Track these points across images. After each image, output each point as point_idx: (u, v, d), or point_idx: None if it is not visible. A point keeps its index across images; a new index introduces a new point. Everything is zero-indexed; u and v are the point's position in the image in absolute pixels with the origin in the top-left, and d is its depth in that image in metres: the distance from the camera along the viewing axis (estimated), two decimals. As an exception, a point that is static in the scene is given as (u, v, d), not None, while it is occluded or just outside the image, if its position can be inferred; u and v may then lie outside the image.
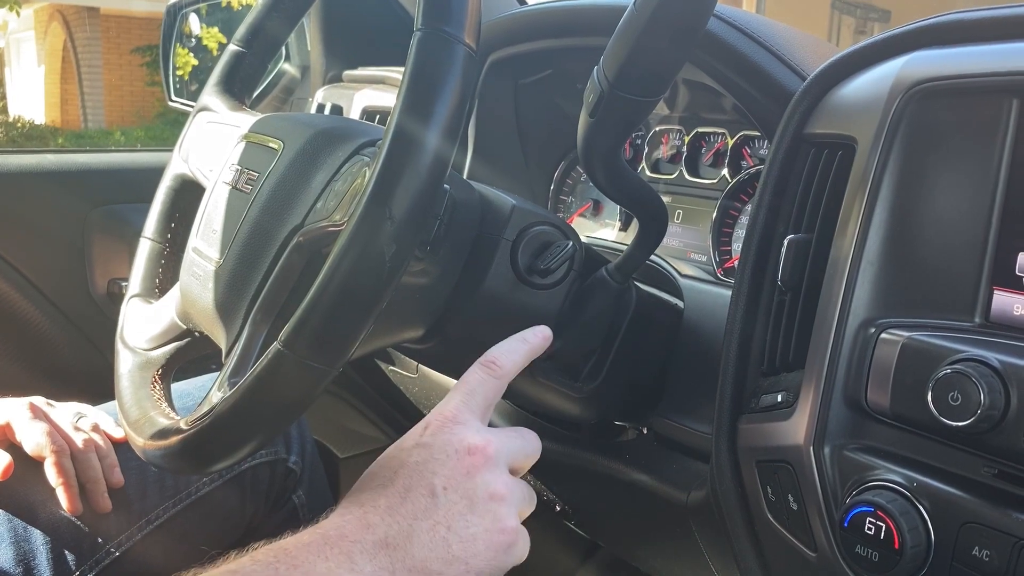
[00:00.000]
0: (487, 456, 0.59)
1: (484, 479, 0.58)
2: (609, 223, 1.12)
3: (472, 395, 0.63)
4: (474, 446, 0.59)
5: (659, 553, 1.05)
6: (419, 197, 0.59)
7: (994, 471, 0.56)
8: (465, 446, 0.59)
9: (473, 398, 0.63)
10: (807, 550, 0.66)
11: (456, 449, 0.58)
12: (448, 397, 0.63)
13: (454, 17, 0.60)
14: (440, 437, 0.59)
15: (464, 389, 0.63)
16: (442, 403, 0.63)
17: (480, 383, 0.64)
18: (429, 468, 0.57)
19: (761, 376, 0.73)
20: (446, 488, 0.57)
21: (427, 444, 0.59)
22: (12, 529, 0.88)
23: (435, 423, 0.61)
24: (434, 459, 0.58)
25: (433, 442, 0.59)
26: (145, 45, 11.45)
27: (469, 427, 0.60)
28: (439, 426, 0.60)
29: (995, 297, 0.59)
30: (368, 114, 1.34)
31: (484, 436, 0.60)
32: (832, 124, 0.70)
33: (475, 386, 0.63)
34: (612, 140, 0.73)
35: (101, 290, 1.52)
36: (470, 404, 0.62)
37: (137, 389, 0.82)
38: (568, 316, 0.80)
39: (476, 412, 0.62)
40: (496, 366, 0.65)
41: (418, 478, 0.57)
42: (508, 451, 0.61)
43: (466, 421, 0.61)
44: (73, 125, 11.97)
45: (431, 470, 0.57)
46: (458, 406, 0.62)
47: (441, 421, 0.60)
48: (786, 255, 0.69)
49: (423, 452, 0.58)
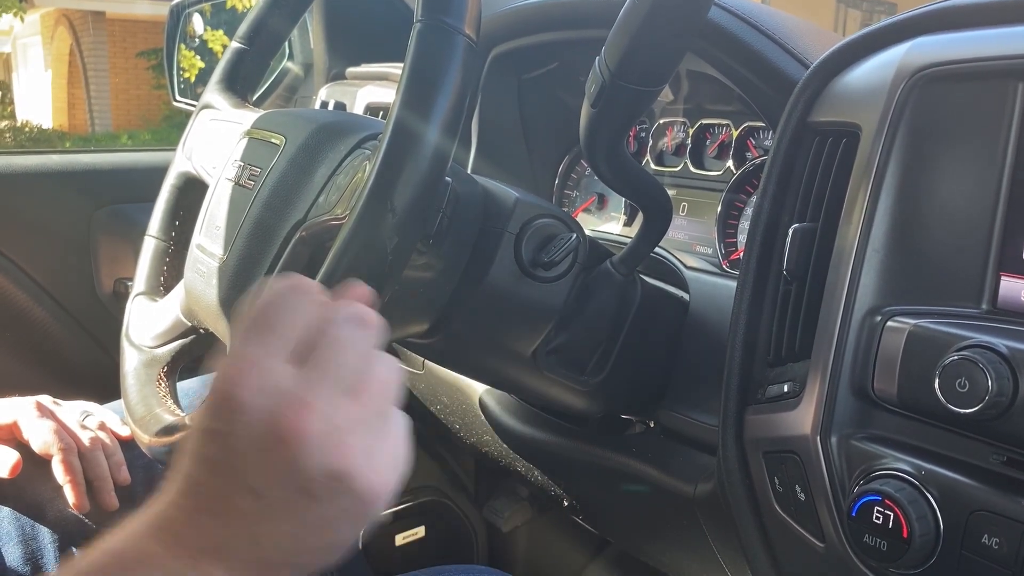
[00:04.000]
0: (306, 431, 0.42)
1: (315, 461, 0.42)
2: (614, 217, 1.11)
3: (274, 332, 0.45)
4: (286, 427, 0.42)
5: (667, 547, 1.05)
6: (420, 189, 0.59)
7: (1003, 458, 0.56)
8: (275, 430, 0.42)
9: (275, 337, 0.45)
10: (815, 541, 0.66)
11: (265, 436, 0.42)
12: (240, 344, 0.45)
13: (454, 8, 0.60)
14: (239, 420, 0.42)
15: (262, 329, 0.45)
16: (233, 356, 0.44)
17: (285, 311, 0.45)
18: (239, 467, 0.42)
19: (767, 367, 0.73)
20: (268, 485, 0.42)
21: (225, 435, 0.42)
22: (20, 527, 0.88)
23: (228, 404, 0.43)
24: (240, 454, 0.42)
25: (231, 432, 0.42)
26: (151, 48, 11.49)
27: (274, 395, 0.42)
28: (234, 406, 0.42)
29: (1002, 283, 0.58)
30: (371, 110, 1.34)
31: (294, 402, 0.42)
32: (836, 112, 0.69)
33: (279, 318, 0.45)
34: (615, 131, 0.72)
35: (107, 289, 1.53)
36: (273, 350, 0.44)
37: (143, 386, 0.82)
38: (573, 309, 0.79)
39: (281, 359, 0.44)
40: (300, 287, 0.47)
41: (231, 483, 0.42)
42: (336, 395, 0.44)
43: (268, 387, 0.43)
44: (80, 129, 12.01)
45: (243, 469, 0.42)
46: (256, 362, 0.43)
47: (235, 397, 0.42)
48: (791, 244, 0.69)
49: (224, 446, 0.42)
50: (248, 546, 0.43)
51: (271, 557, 0.43)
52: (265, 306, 0.46)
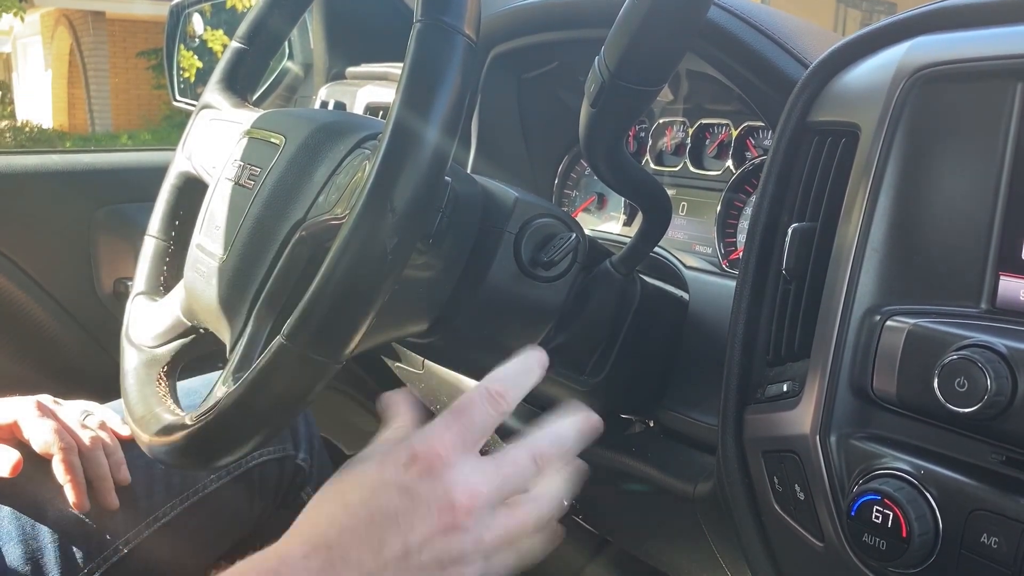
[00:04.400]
0: (468, 514, 0.53)
1: (460, 540, 0.52)
2: (613, 216, 1.11)
3: (470, 431, 0.56)
4: (459, 503, 0.52)
5: (667, 546, 1.05)
6: (420, 189, 0.59)
7: (1002, 457, 0.56)
8: (450, 500, 0.52)
9: (471, 434, 0.56)
10: (814, 540, 0.66)
11: (440, 504, 0.52)
12: (443, 423, 0.56)
13: (453, 8, 0.60)
14: (426, 484, 0.52)
15: (463, 421, 0.56)
16: (435, 430, 0.55)
17: (483, 418, 0.56)
18: (408, 521, 0.52)
19: (767, 366, 0.73)
20: (421, 548, 0.51)
21: (410, 490, 0.52)
22: (20, 527, 0.88)
23: (423, 461, 0.53)
24: (415, 511, 0.52)
25: (418, 489, 0.52)
26: (151, 48, 11.49)
27: (460, 473, 0.53)
28: (427, 467, 0.53)
29: (1001, 282, 0.58)
30: (371, 110, 1.34)
31: (471, 489, 0.53)
32: (835, 111, 0.69)
33: (476, 421, 0.56)
34: (614, 130, 0.72)
35: (107, 289, 1.53)
36: (466, 441, 0.55)
37: (142, 386, 0.82)
38: (572, 309, 0.80)
39: (471, 450, 0.55)
40: (503, 400, 0.58)
41: (394, 530, 0.51)
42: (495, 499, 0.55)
43: (457, 464, 0.54)
44: (80, 129, 12.01)
45: (409, 523, 0.51)
46: (453, 443, 0.54)
47: (431, 461, 0.53)
48: (790, 244, 0.69)
49: (405, 500, 0.52)
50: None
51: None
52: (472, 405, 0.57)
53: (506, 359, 0.82)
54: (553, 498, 0.59)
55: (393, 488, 0.52)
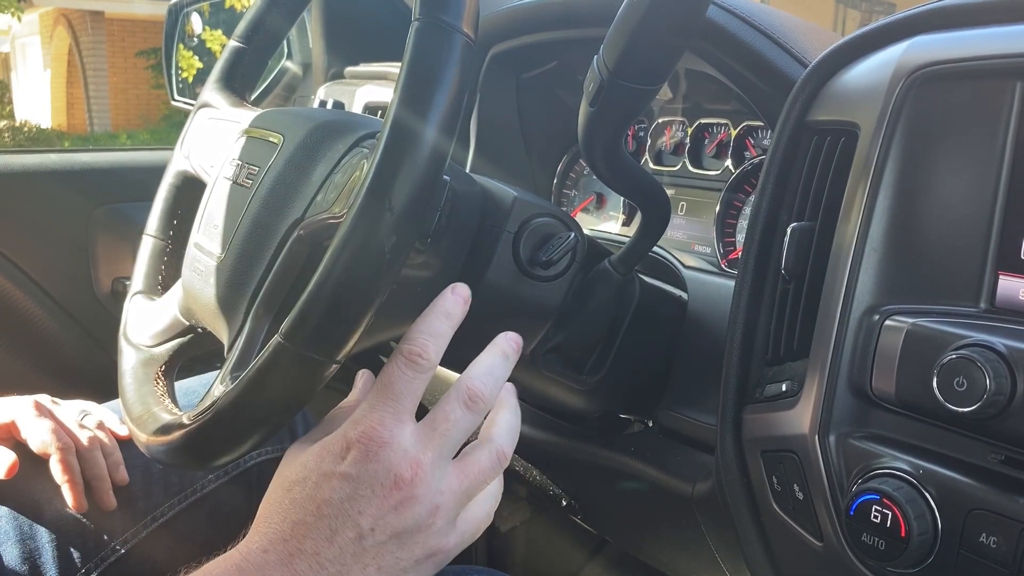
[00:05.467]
0: (415, 486, 0.53)
1: (414, 512, 0.53)
2: (612, 216, 1.11)
3: (399, 400, 0.55)
4: (402, 478, 0.52)
5: (665, 546, 1.05)
6: (418, 188, 0.59)
7: (1001, 457, 0.56)
8: (392, 478, 0.52)
9: (400, 403, 0.55)
10: (813, 540, 0.66)
11: (383, 483, 0.52)
12: (368, 404, 0.55)
13: (452, 7, 0.60)
14: (366, 467, 0.52)
15: (388, 395, 0.55)
16: (363, 412, 0.55)
17: (407, 384, 0.56)
18: (355, 507, 0.52)
19: (765, 366, 0.73)
20: (374, 529, 0.52)
21: (351, 476, 0.52)
22: (17, 527, 0.88)
23: (359, 447, 0.53)
24: (359, 496, 0.52)
25: (358, 474, 0.52)
26: (149, 48, 11.49)
27: (397, 449, 0.53)
28: (363, 451, 0.53)
29: (1000, 282, 0.58)
30: (370, 110, 1.34)
31: (412, 460, 0.53)
32: (834, 111, 0.69)
33: (401, 389, 0.55)
34: (613, 129, 0.72)
35: (105, 289, 1.52)
36: (398, 413, 0.55)
37: (140, 385, 0.82)
38: (571, 308, 0.79)
39: (405, 421, 0.55)
40: (422, 359, 0.57)
41: (343, 519, 0.52)
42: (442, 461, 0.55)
43: (393, 440, 0.53)
44: (79, 129, 12.01)
45: (357, 509, 0.52)
46: (383, 420, 0.54)
47: (366, 445, 0.53)
48: (789, 243, 0.69)
49: (347, 487, 0.52)
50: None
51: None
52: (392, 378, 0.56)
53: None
54: (502, 433, 0.59)
55: (334, 479, 0.53)
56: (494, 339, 0.62)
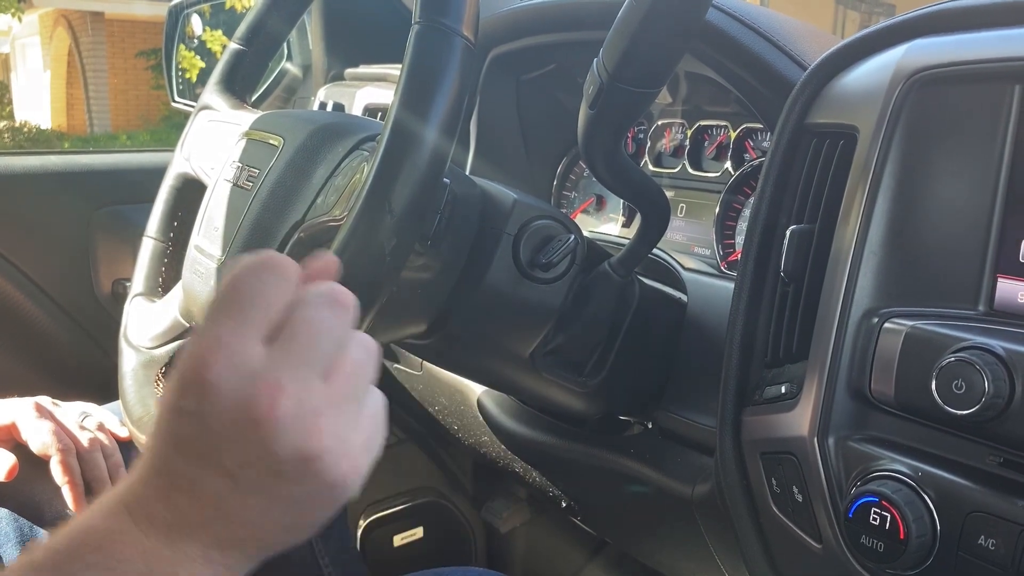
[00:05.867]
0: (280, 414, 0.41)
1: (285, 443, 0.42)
2: (612, 218, 1.11)
3: (243, 309, 0.43)
4: (258, 408, 0.41)
5: (665, 548, 1.05)
6: (418, 190, 0.59)
7: (999, 459, 0.56)
8: (244, 411, 0.41)
9: (245, 313, 0.43)
10: (812, 542, 0.66)
11: (234, 418, 0.41)
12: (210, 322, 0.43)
13: (452, 10, 0.60)
14: (206, 401, 0.42)
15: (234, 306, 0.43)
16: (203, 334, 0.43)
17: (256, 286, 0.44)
18: (209, 445, 0.42)
19: (765, 368, 0.73)
20: (242, 466, 0.42)
21: (193, 413, 0.42)
22: (18, 528, 0.88)
23: (191, 377, 0.42)
24: (211, 433, 0.42)
25: (199, 410, 0.42)
26: (150, 49, 11.48)
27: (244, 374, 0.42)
28: (197, 383, 0.42)
29: (999, 285, 0.58)
30: (370, 111, 1.34)
31: (267, 385, 0.42)
32: (833, 114, 0.69)
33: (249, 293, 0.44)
34: (613, 132, 0.73)
35: (106, 290, 1.52)
36: (241, 326, 0.42)
37: (141, 387, 0.82)
38: (571, 310, 0.80)
39: (249, 336, 0.43)
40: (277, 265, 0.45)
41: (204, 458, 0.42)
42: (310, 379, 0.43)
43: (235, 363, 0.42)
44: (79, 130, 12.00)
45: (213, 446, 0.42)
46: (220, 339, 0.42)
47: (198, 373, 0.42)
48: (788, 246, 0.69)
49: (194, 425, 0.42)
50: (220, 524, 0.43)
51: (243, 534, 0.44)
52: (236, 284, 0.44)
53: (504, 360, 0.82)
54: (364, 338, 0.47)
55: (181, 416, 0.43)
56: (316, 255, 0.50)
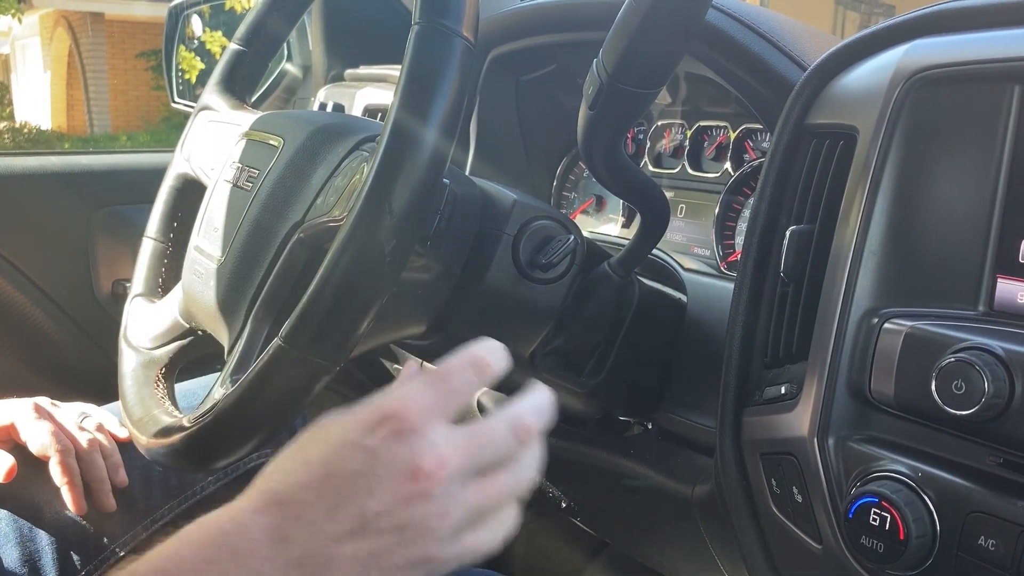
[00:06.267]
0: (433, 484, 0.47)
1: (423, 510, 0.47)
2: (612, 219, 1.11)
3: (448, 395, 0.50)
4: (423, 470, 0.47)
5: (665, 548, 1.05)
6: (418, 191, 0.59)
7: (999, 460, 0.56)
8: (414, 468, 0.47)
9: (448, 399, 0.50)
10: (812, 542, 0.66)
11: (402, 470, 0.47)
12: (419, 385, 0.50)
13: (452, 10, 0.60)
14: (391, 447, 0.47)
15: (440, 386, 0.51)
16: (409, 391, 0.50)
17: (464, 383, 0.51)
18: (367, 485, 0.47)
19: (764, 368, 0.73)
20: (379, 514, 0.47)
21: (373, 452, 0.47)
22: (17, 529, 0.88)
23: (391, 423, 0.48)
24: (375, 475, 0.47)
25: (380, 451, 0.47)
26: (150, 50, 11.48)
27: (427, 443, 0.48)
28: (395, 430, 0.48)
29: (999, 285, 0.58)
30: (370, 112, 1.34)
31: (439, 457, 0.48)
32: (833, 114, 0.69)
33: (455, 385, 0.51)
34: (612, 132, 0.73)
35: (105, 291, 1.52)
36: (441, 406, 0.50)
37: (140, 388, 0.82)
38: (571, 311, 0.80)
39: (445, 416, 0.50)
40: (488, 368, 0.52)
41: (352, 493, 0.47)
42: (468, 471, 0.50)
43: (427, 429, 0.48)
44: (79, 130, 12.00)
45: (368, 488, 0.47)
46: (426, 407, 0.49)
47: (399, 423, 0.48)
48: (788, 246, 0.69)
49: (366, 461, 0.47)
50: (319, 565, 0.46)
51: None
52: (453, 375, 0.51)
53: None
54: (528, 472, 0.54)
55: (356, 449, 0.48)
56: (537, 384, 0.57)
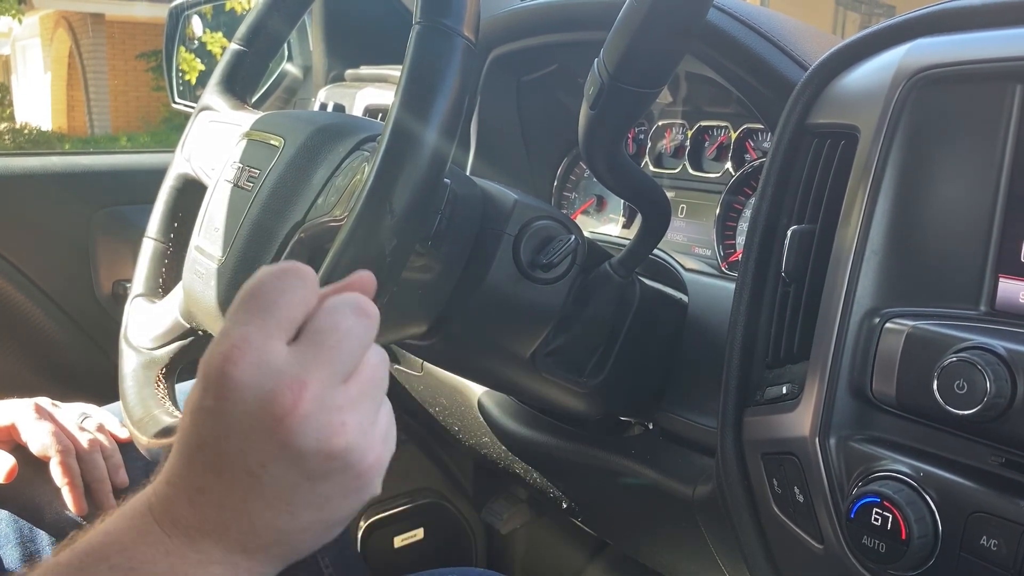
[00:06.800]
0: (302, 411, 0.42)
1: (310, 440, 0.42)
2: (613, 219, 1.11)
3: (268, 311, 0.43)
4: (281, 405, 0.41)
5: (666, 549, 1.05)
6: (419, 191, 0.59)
7: (1001, 460, 0.56)
8: (270, 409, 0.41)
9: (270, 314, 0.43)
10: (814, 542, 0.66)
11: (256, 415, 0.41)
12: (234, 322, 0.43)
13: (453, 10, 0.60)
14: (228, 399, 0.42)
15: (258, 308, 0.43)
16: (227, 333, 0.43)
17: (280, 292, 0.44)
18: (232, 445, 0.42)
19: (766, 368, 0.73)
20: (265, 465, 0.42)
21: (213, 411, 0.42)
22: (18, 529, 0.88)
23: (213, 375, 0.42)
24: (232, 432, 0.42)
25: (220, 408, 0.42)
26: (150, 50, 11.48)
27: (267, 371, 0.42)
28: (220, 381, 0.42)
29: (1000, 285, 0.58)
30: (370, 112, 1.34)
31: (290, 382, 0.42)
32: (834, 114, 0.69)
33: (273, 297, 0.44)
34: (613, 132, 0.73)
35: (106, 291, 1.53)
36: (266, 327, 0.43)
37: (141, 388, 0.82)
38: (571, 311, 0.79)
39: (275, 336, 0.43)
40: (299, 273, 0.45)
41: (225, 458, 0.42)
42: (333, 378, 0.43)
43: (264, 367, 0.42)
44: (79, 131, 12.01)
45: (236, 447, 0.42)
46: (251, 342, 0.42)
47: (221, 370, 0.42)
48: (789, 246, 0.69)
49: (215, 424, 0.42)
50: (244, 525, 0.43)
51: (267, 536, 0.44)
52: (259, 285, 0.44)
53: (504, 361, 0.82)
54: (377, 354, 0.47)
55: (201, 415, 0.43)
56: None
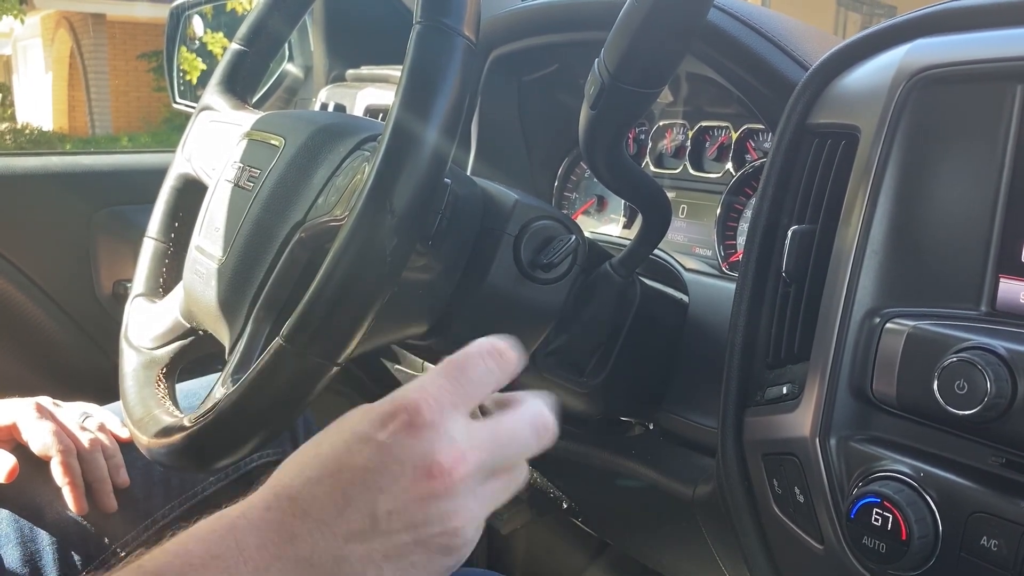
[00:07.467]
0: (452, 482, 0.45)
1: (440, 510, 0.45)
2: (613, 219, 1.11)
3: (466, 386, 0.47)
4: (440, 467, 0.44)
5: (666, 549, 1.05)
6: (420, 190, 0.59)
7: (1002, 460, 0.56)
8: (428, 464, 0.44)
9: (466, 389, 0.47)
10: (814, 542, 0.66)
11: (416, 465, 0.44)
12: (434, 376, 0.48)
13: (453, 10, 0.60)
14: (404, 443, 0.45)
15: (456, 376, 0.48)
16: (425, 383, 0.47)
17: (483, 373, 0.48)
18: (379, 481, 0.44)
19: (766, 368, 0.73)
20: (391, 513, 0.44)
21: (385, 447, 0.45)
22: (18, 529, 0.88)
23: (404, 417, 0.45)
24: (386, 470, 0.44)
25: (393, 446, 0.45)
26: (151, 51, 11.49)
27: (444, 437, 0.45)
28: (407, 424, 0.45)
29: (1001, 285, 0.58)
30: (371, 112, 1.34)
31: (457, 453, 0.45)
32: (835, 114, 0.69)
33: (474, 376, 0.48)
34: (614, 132, 0.73)
35: (106, 291, 1.53)
36: (459, 399, 0.47)
37: (141, 388, 0.82)
38: (572, 311, 0.79)
39: (463, 409, 0.47)
40: (506, 358, 0.50)
41: (362, 491, 0.44)
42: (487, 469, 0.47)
43: (442, 428, 0.45)
44: (80, 131, 12.01)
45: (378, 485, 0.44)
46: (441, 400, 0.46)
47: (412, 417, 0.45)
48: (790, 246, 0.69)
49: (378, 457, 0.45)
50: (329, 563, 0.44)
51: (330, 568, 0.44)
52: (469, 360, 0.49)
53: None
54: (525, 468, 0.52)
55: (367, 444, 0.45)
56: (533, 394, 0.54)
